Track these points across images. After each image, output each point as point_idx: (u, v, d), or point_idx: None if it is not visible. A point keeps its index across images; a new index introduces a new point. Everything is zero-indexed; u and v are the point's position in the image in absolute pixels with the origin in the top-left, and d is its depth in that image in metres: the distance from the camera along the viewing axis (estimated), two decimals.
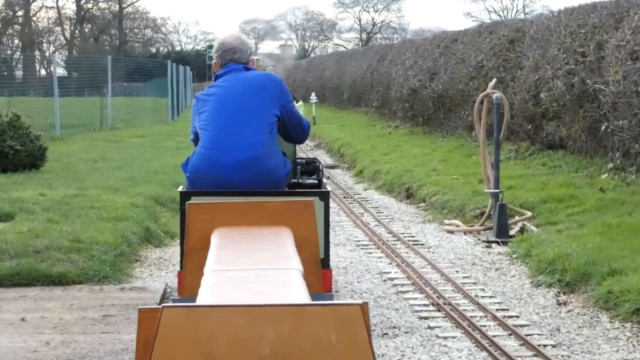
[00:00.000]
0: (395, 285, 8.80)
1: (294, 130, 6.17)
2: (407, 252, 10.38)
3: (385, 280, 9.00)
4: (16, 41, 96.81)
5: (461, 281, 8.88)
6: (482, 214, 12.09)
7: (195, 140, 6.01)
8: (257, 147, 5.80)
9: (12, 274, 8.11)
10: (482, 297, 8.33)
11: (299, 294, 3.25)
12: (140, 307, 3.14)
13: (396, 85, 26.21)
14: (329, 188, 6.52)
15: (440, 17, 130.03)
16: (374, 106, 31.05)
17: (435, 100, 22.77)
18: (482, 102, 12.19)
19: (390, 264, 9.81)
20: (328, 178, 18.07)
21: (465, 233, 11.66)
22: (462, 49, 22.03)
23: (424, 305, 8.08)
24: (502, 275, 9.32)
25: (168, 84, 30.42)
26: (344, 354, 2.77)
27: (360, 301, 2.83)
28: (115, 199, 11.88)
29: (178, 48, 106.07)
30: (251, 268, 3.72)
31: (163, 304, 2.82)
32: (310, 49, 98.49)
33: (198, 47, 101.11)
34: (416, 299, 8.29)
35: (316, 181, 6.90)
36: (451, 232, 11.81)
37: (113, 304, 7.59)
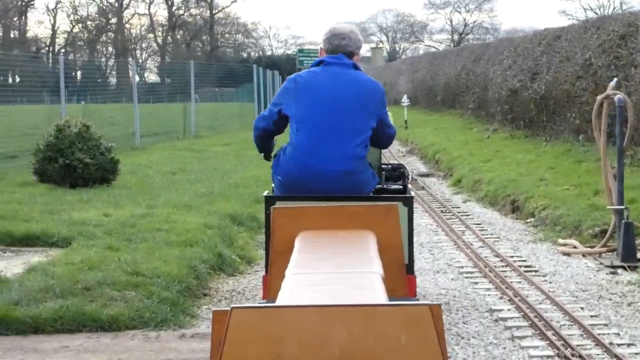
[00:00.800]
0: (509, 327, 7.23)
1: (383, 138, 6.05)
2: (519, 282, 8.82)
3: (496, 321, 7.44)
4: (110, 48, 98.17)
5: (589, 322, 7.29)
6: (602, 232, 10.49)
7: (265, 121, 5.87)
8: (353, 160, 5.69)
9: (55, 318, 6.74)
10: (619, 344, 6.76)
11: (375, 296, 3.21)
12: (214, 309, 3.11)
13: (494, 86, 24.57)
14: (412, 193, 6.45)
15: (534, 16, 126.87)
16: (470, 108, 29.41)
17: (538, 101, 21.08)
18: (601, 105, 10.57)
19: (501, 298, 8.24)
20: (423, 188, 16.65)
21: (584, 255, 10.06)
22: (567, 46, 20.31)
23: (548, 357, 6.55)
24: (637, 312, 7.74)
25: (254, 89, 29.11)
26: (414, 355, 2.73)
27: (430, 302, 2.80)
28: (188, 218, 10.58)
29: (269, 52, 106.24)
30: (331, 271, 3.72)
31: (232, 305, 2.79)
32: (401, 51, 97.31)
33: (289, 52, 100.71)
34: (537, 347, 6.72)
35: (401, 187, 6.85)
36: (567, 254, 10.21)
37: (169, 358, 6.26)
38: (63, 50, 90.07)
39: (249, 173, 16.06)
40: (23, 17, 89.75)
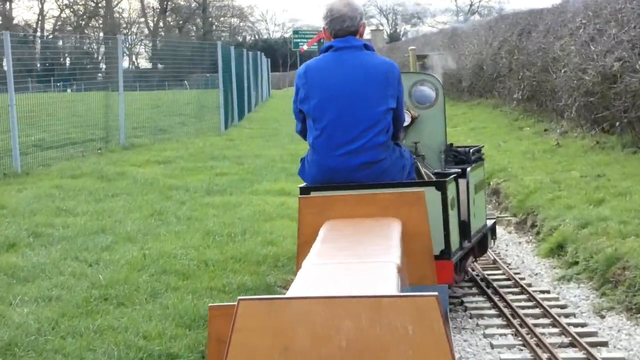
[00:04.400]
0: None
1: (396, 126, 5.74)
2: None
3: None
4: (101, 34, 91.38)
5: None
6: None
7: (303, 131, 5.68)
8: (372, 150, 5.47)
9: None
10: None
11: (385, 286, 3.15)
12: (210, 304, 3.21)
13: (566, 67, 16.22)
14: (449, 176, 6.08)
15: None
16: (516, 99, 21.08)
17: None
18: None
19: None
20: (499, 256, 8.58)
21: None
22: None
23: None
24: None
25: (219, 76, 20.52)
26: (421, 345, 2.70)
27: (435, 293, 2.75)
28: None
29: (266, 36, 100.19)
30: (348, 261, 3.65)
31: (239, 297, 2.75)
32: (402, 33, 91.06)
33: (286, 35, 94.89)
34: None
35: (460, 170, 6.50)
36: None
37: None
38: (51, 36, 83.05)
39: (166, 247, 7.87)
40: (8, 2, 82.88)
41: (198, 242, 8.05)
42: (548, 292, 7.57)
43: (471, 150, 7.03)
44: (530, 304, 7.11)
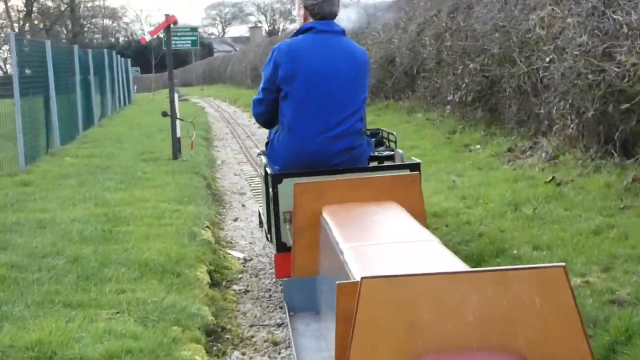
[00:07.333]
0: None
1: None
2: None
3: None
4: None
5: None
6: None
7: (266, 114, 5.56)
8: (353, 136, 5.48)
9: None
10: None
11: (454, 262, 3.13)
12: (338, 282, 2.98)
13: (554, 53, 9.75)
14: (415, 160, 5.78)
15: None
16: (451, 102, 14.62)
17: None
18: None
19: None
20: None
21: None
22: None
23: None
24: None
25: (14, 83, 12.88)
26: (550, 317, 2.63)
27: (562, 263, 2.68)
28: None
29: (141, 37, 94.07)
30: (387, 242, 3.62)
31: (362, 276, 2.71)
32: (280, 31, 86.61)
33: (161, 35, 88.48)
34: None
35: (391, 152, 6.30)
36: None
37: None
38: None
39: None
40: None
41: None
42: None
43: (381, 132, 6.77)
44: None
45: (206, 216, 8.75)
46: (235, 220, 9.64)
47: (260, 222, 7.38)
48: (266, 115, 5.59)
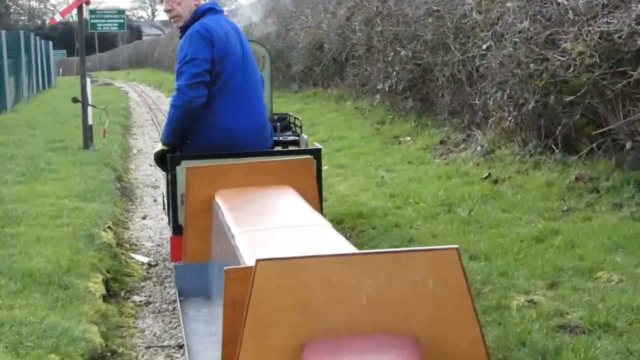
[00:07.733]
0: None
1: None
2: None
3: None
4: None
5: None
6: None
7: (200, 90, 5.24)
8: (264, 114, 5.56)
9: None
10: None
11: (350, 246, 3.10)
12: (226, 267, 2.88)
13: (491, 41, 9.05)
14: (318, 145, 5.83)
15: None
16: (380, 91, 13.88)
17: None
18: None
19: None
20: None
21: None
22: None
23: None
24: None
25: None
26: (443, 299, 2.61)
27: (455, 245, 2.66)
28: None
29: (70, 19, 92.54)
30: (280, 226, 3.58)
31: (257, 258, 2.64)
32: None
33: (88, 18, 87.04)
34: None
35: (296, 137, 6.29)
36: None
37: None
38: None
39: None
40: None
41: None
42: None
43: (288, 117, 6.77)
44: None
45: (110, 215, 7.88)
46: (144, 218, 8.77)
47: (164, 205, 6.95)
48: (199, 103, 5.31)
